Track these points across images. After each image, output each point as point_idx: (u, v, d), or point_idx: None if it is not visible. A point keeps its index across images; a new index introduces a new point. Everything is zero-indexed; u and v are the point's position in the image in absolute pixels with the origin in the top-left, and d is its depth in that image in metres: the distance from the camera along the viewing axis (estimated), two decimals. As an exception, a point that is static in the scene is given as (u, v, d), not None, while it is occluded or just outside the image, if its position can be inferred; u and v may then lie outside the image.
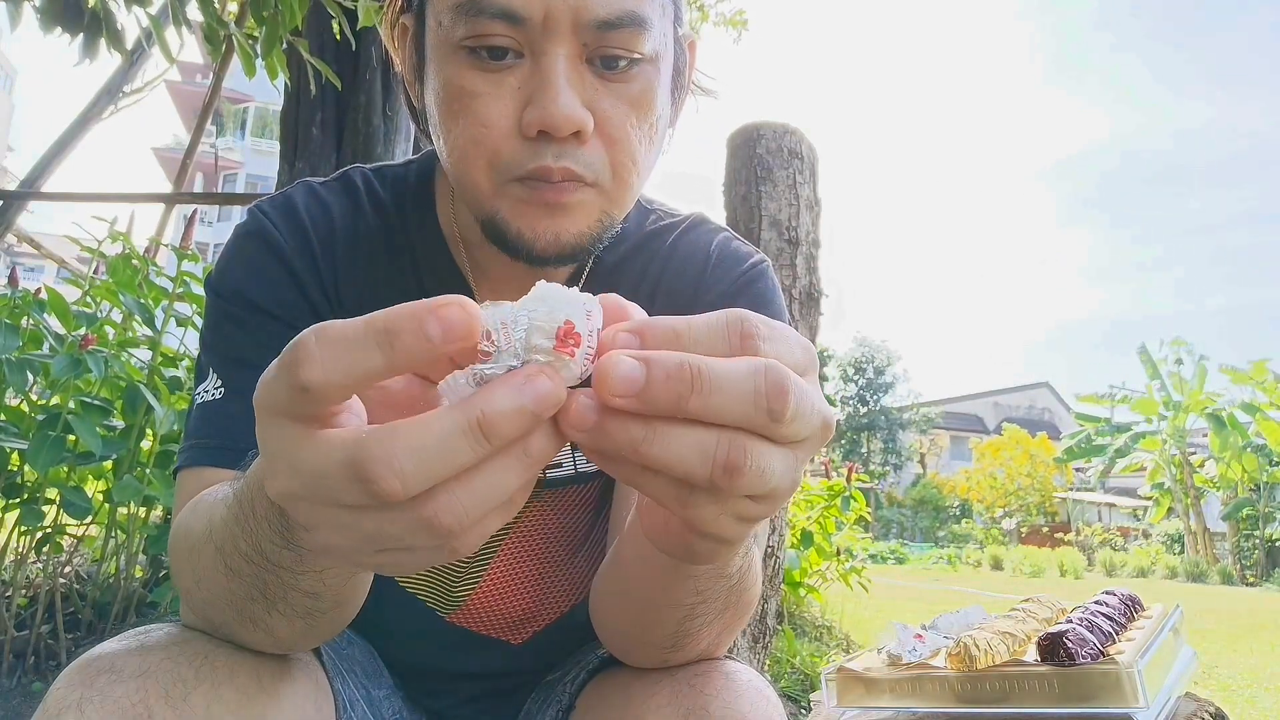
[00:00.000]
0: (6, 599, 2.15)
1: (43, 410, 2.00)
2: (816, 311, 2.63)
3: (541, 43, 0.58)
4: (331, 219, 0.73)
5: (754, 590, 0.61)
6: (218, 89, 4.80)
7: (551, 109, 0.57)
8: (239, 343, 0.68)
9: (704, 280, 0.77)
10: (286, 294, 0.69)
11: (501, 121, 0.59)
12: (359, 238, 0.73)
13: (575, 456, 0.77)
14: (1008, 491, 25.49)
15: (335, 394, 0.33)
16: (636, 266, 0.77)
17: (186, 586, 0.56)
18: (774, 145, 2.63)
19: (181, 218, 4.06)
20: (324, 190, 0.75)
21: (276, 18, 2.24)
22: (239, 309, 0.68)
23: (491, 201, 0.62)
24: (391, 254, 0.74)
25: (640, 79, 0.62)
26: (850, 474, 4.01)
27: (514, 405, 0.32)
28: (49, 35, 2.23)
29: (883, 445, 31.47)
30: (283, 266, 0.69)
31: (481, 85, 0.59)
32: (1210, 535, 16.14)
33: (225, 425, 0.65)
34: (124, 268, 2.28)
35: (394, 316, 0.32)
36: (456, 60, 0.60)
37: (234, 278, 0.69)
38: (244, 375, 0.66)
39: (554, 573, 0.81)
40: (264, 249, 0.70)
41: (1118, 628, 0.94)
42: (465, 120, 0.60)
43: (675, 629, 0.58)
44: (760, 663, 2.51)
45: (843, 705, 1.00)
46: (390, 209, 0.76)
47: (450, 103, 0.61)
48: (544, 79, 0.58)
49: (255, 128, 34.26)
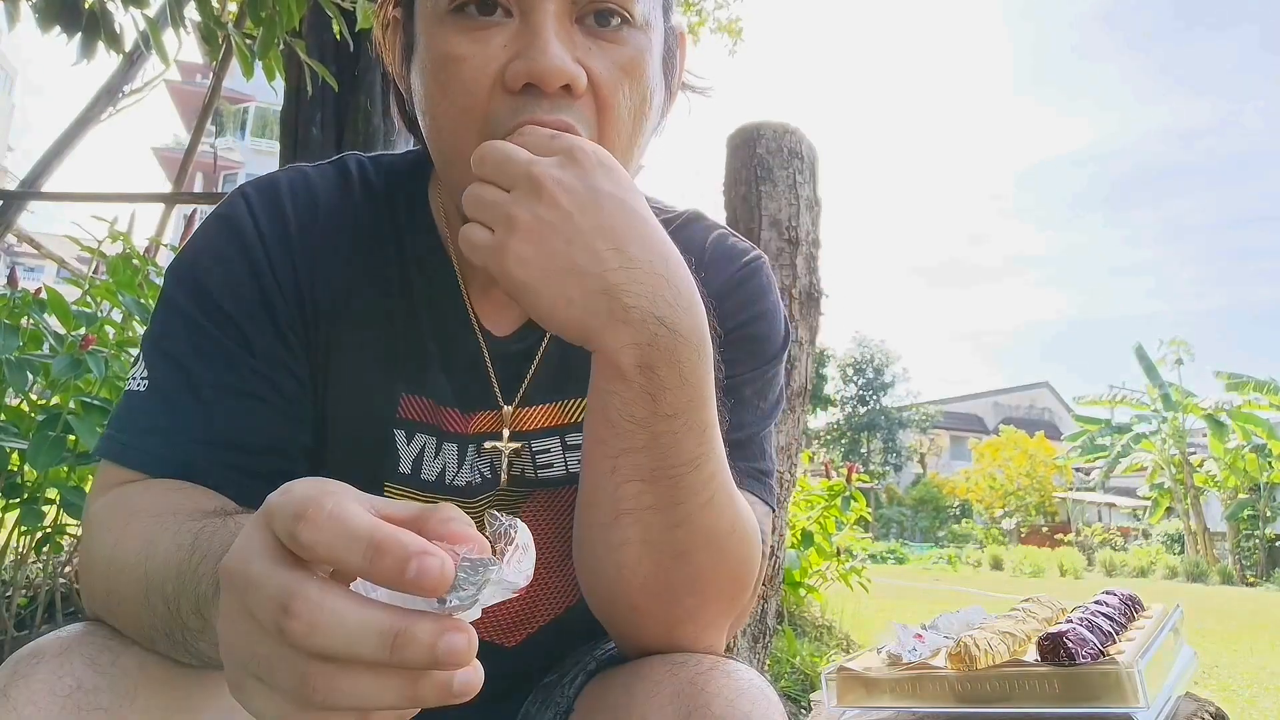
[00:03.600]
0: (6, 599, 2.15)
1: (43, 410, 2.00)
2: (816, 311, 2.63)
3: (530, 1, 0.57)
4: (316, 204, 0.71)
5: (737, 542, 0.61)
6: (217, 89, 4.80)
7: (540, 59, 0.56)
8: (177, 337, 0.65)
9: (699, 276, 0.77)
10: (243, 289, 0.66)
11: (485, 80, 0.58)
12: (343, 224, 0.71)
13: (567, 458, 0.76)
14: (1007, 492, 25.49)
15: (316, 557, 0.36)
16: None
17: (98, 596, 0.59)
18: (774, 145, 2.63)
19: (181, 217, 4.06)
20: (315, 174, 0.73)
21: (274, 19, 2.24)
22: (187, 299, 0.66)
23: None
24: (377, 241, 0.72)
25: (632, 42, 0.61)
26: (850, 474, 4.01)
27: (429, 642, 0.34)
28: (47, 35, 2.23)
29: (882, 445, 31.48)
30: (245, 258, 0.67)
31: (467, 48, 0.58)
32: (1210, 535, 16.14)
33: (142, 424, 0.64)
34: (124, 267, 2.28)
35: (388, 539, 0.34)
36: (444, 28, 0.59)
37: (193, 262, 0.67)
38: (171, 375, 0.65)
39: (547, 575, 0.79)
40: (230, 236, 0.67)
41: (1118, 628, 0.94)
42: (451, 88, 0.58)
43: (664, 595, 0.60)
44: (760, 663, 2.51)
45: (843, 705, 1.00)
46: (381, 196, 0.74)
47: (436, 73, 0.59)
48: (532, 32, 0.57)
49: (255, 128, 34.24)
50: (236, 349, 0.65)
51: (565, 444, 0.76)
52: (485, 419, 0.74)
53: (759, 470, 0.74)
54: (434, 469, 0.73)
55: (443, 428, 0.73)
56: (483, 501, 0.74)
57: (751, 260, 0.78)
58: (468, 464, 0.74)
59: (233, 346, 0.65)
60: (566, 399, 0.75)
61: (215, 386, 0.64)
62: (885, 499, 27.42)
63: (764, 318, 0.76)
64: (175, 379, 0.65)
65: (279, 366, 0.67)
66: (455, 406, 0.73)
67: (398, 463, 0.72)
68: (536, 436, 0.75)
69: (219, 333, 0.65)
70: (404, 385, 0.71)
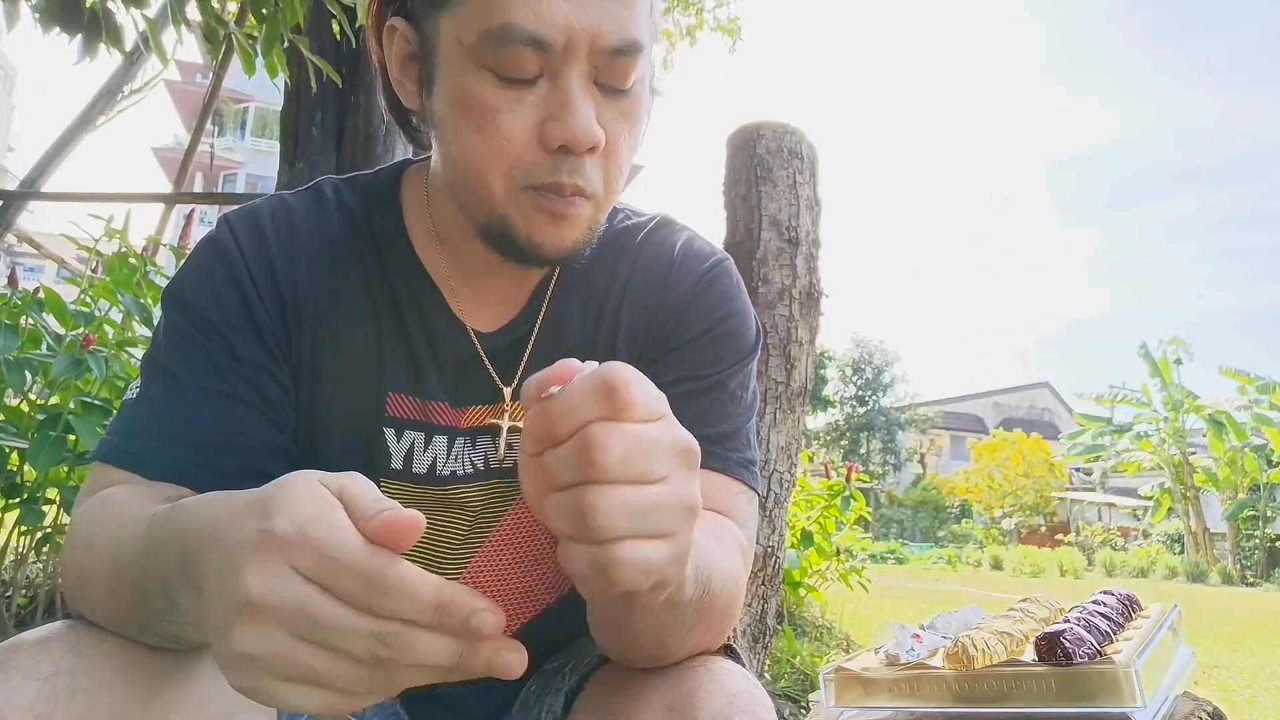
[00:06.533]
0: (6, 599, 2.16)
1: (43, 410, 2.00)
2: (816, 311, 2.63)
3: (560, 65, 0.63)
4: (295, 226, 0.76)
5: (726, 600, 0.64)
6: (217, 89, 4.81)
7: (574, 126, 0.62)
8: (165, 346, 0.71)
9: (669, 279, 0.80)
10: (227, 300, 0.71)
11: (522, 135, 0.64)
12: (322, 244, 0.76)
13: None
14: (1006, 492, 25.50)
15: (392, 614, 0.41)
16: (607, 263, 0.81)
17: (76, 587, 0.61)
18: (774, 145, 2.62)
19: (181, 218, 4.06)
20: (293, 199, 0.78)
21: (276, 16, 2.24)
22: (178, 316, 0.71)
23: (503, 207, 0.67)
24: (356, 258, 0.77)
25: (635, 96, 0.67)
26: (850, 474, 4.01)
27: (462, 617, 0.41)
28: (48, 35, 2.23)
29: (882, 445, 31.49)
30: (228, 272, 0.72)
31: (503, 103, 0.63)
32: (1210, 535, 16.14)
33: (131, 426, 0.69)
34: (121, 266, 2.28)
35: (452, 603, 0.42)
36: (480, 78, 0.63)
37: (181, 283, 0.73)
38: (157, 379, 0.70)
39: (542, 563, 0.81)
40: (215, 255, 0.73)
41: (1115, 627, 0.94)
42: (486, 133, 0.64)
43: (654, 650, 0.63)
44: (760, 663, 2.51)
45: (841, 705, 1.00)
46: (358, 215, 0.78)
47: (470, 115, 0.65)
48: (565, 98, 0.63)
49: (255, 128, 34.24)
50: (221, 355, 0.70)
51: None
52: (479, 412, 0.77)
53: (748, 460, 0.77)
54: (424, 462, 0.76)
55: (431, 422, 0.76)
56: (474, 490, 0.78)
57: (719, 262, 0.83)
58: (458, 456, 0.77)
59: (217, 353, 0.70)
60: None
61: (201, 390, 0.69)
62: (885, 499, 27.43)
63: (736, 316, 0.81)
64: (163, 385, 0.70)
65: (263, 371, 0.71)
66: (445, 401, 0.76)
67: (389, 459, 0.75)
68: None
69: (205, 340, 0.70)
70: (390, 384, 0.75)
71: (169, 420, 0.68)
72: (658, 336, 0.79)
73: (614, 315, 0.80)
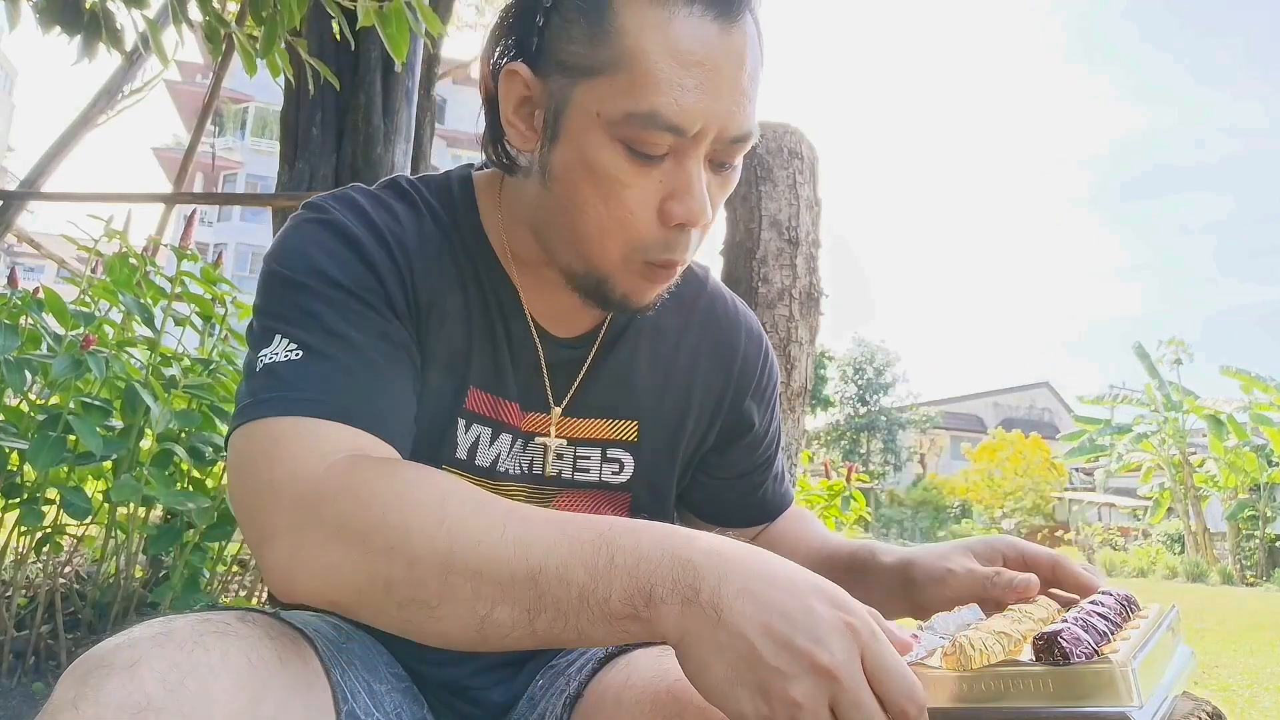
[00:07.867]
0: (6, 599, 2.16)
1: (43, 410, 2.00)
2: (816, 312, 2.63)
3: (688, 148, 0.67)
4: (398, 219, 0.76)
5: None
6: (217, 89, 4.81)
7: (695, 208, 0.68)
8: (316, 311, 0.68)
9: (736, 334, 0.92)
10: (366, 280, 0.71)
11: (645, 211, 0.69)
12: (424, 239, 0.77)
13: (604, 467, 0.86)
14: (1005, 492, 25.49)
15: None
16: (671, 306, 0.85)
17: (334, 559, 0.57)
18: (774, 145, 2.63)
19: (181, 218, 4.06)
20: (382, 194, 0.79)
21: (276, 17, 2.24)
22: (317, 283, 0.69)
23: (613, 269, 0.72)
24: (452, 259, 0.79)
25: (735, 170, 0.73)
26: (850, 474, 4.02)
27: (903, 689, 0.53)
28: (48, 35, 2.23)
29: (882, 445, 31.50)
30: (354, 251, 0.71)
31: (632, 177, 0.68)
32: (1210, 535, 16.14)
33: (319, 383, 0.65)
34: (121, 266, 2.28)
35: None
36: (614, 150, 0.67)
37: (310, 259, 0.70)
38: (326, 339, 0.67)
39: None
40: (334, 233, 0.72)
41: (1113, 627, 0.94)
42: (612, 204, 0.69)
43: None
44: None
45: (839, 704, 1.00)
46: (443, 217, 0.80)
47: (598, 183, 0.68)
48: (688, 179, 0.68)
49: (255, 128, 34.25)
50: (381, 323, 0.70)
51: (605, 456, 0.86)
52: (537, 419, 0.83)
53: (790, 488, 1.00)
54: (488, 456, 0.81)
55: (501, 420, 0.81)
56: (520, 490, 0.83)
57: (759, 325, 0.96)
58: (514, 456, 0.83)
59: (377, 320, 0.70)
60: (619, 419, 0.85)
61: (374, 350, 0.69)
62: (885, 499, 27.44)
63: (776, 363, 0.96)
64: (331, 340, 0.67)
65: (408, 342, 0.74)
66: (516, 402, 0.82)
67: (455, 449, 0.80)
68: (583, 445, 0.84)
69: (353, 302, 0.69)
70: (474, 380, 0.79)
71: (369, 380, 0.67)
72: (733, 389, 0.90)
73: (689, 368, 0.88)
